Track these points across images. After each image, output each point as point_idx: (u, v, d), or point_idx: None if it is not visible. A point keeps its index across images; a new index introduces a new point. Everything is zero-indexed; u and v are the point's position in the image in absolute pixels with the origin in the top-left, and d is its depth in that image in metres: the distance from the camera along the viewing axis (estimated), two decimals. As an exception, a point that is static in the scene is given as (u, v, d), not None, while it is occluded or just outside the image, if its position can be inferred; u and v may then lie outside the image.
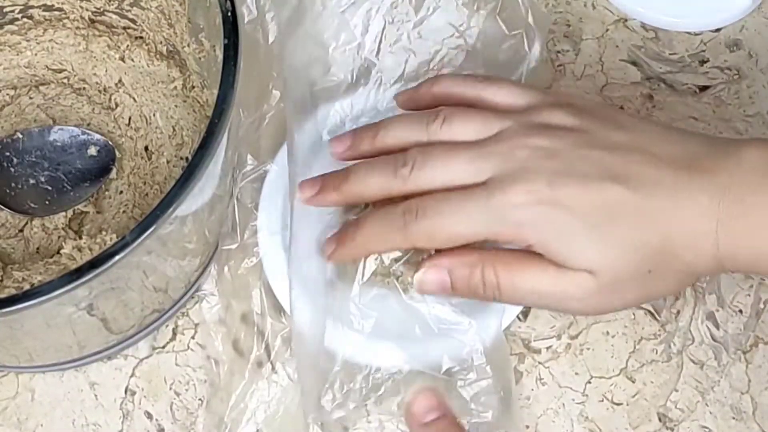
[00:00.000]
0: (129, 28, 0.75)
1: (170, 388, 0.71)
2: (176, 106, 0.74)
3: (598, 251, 0.62)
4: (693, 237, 0.61)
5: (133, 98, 0.75)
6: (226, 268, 0.73)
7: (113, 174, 0.73)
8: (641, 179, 0.62)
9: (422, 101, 0.71)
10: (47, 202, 0.71)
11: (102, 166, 0.73)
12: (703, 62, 0.82)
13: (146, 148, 0.74)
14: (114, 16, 0.74)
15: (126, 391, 0.71)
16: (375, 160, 0.67)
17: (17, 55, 0.76)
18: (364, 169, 0.67)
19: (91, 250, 0.66)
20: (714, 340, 0.73)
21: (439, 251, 0.66)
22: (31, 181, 0.72)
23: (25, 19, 0.75)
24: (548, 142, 0.63)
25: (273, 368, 0.69)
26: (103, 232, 0.67)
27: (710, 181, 0.61)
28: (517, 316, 0.71)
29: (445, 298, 0.68)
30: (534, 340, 0.73)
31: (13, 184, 0.72)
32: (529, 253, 0.63)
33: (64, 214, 0.71)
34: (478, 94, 0.69)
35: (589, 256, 0.62)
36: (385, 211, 0.66)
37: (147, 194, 0.72)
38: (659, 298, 0.67)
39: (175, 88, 0.74)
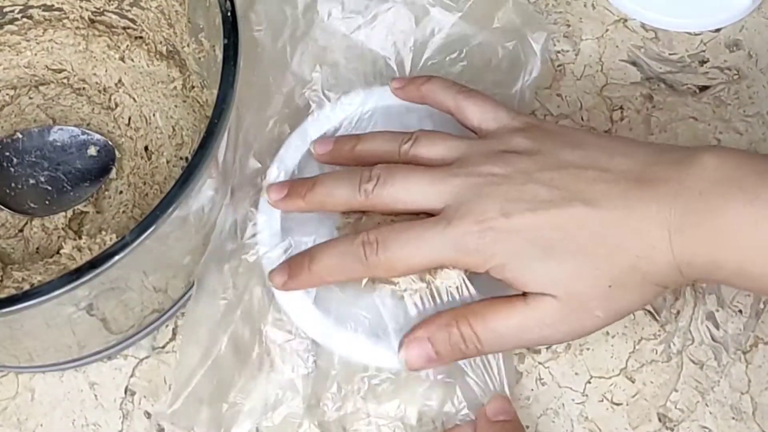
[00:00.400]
0: (129, 28, 0.75)
1: (170, 388, 0.71)
2: (176, 106, 0.74)
3: (553, 273, 0.63)
4: (646, 247, 0.62)
5: (133, 98, 0.75)
6: (226, 267, 0.73)
7: (113, 174, 0.73)
8: (591, 195, 0.63)
9: (411, 95, 0.74)
10: (47, 202, 0.71)
11: (102, 166, 0.73)
12: (702, 62, 0.82)
13: (146, 148, 0.74)
14: (114, 16, 0.74)
15: (126, 391, 0.71)
16: (341, 172, 0.70)
17: (17, 55, 0.76)
18: (330, 181, 0.69)
19: (90, 250, 0.66)
20: (714, 340, 0.73)
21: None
22: (31, 181, 0.72)
23: (24, 19, 0.75)
24: (502, 168, 0.65)
25: (272, 367, 0.69)
26: (103, 232, 0.67)
27: (660, 191, 0.62)
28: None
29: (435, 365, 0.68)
30: (534, 340, 0.73)
31: (13, 184, 0.72)
32: (498, 298, 0.65)
33: (63, 214, 0.71)
34: (456, 106, 0.71)
35: (545, 278, 0.63)
36: (342, 243, 0.67)
37: (147, 194, 0.72)
38: (629, 312, 0.66)
39: (175, 88, 0.74)
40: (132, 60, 0.75)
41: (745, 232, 0.60)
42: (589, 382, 0.72)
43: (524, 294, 0.64)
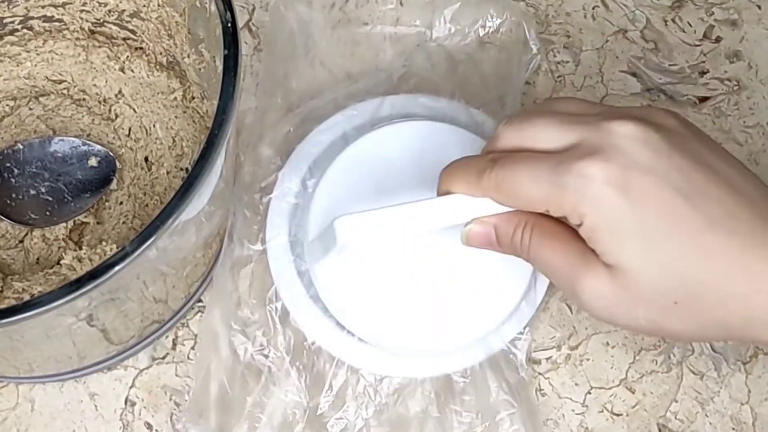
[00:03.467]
0: (129, 38, 0.75)
1: (170, 399, 0.71)
2: (176, 116, 0.74)
3: (636, 254, 0.57)
4: (750, 289, 0.57)
5: (133, 109, 0.75)
6: (230, 277, 0.73)
7: (113, 185, 0.73)
8: (717, 205, 0.57)
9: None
10: (47, 213, 0.71)
11: (102, 177, 0.73)
12: (702, 73, 0.82)
13: (146, 159, 0.74)
14: (114, 27, 0.74)
15: (126, 402, 0.71)
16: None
17: (17, 65, 0.76)
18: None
19: (91, 260, 0.66)
20: (714, 350, 0.73)
21: None
22: (32, 192, 0.72)
23: (25, 30, 0.75)
24: (645, 133, 0.59)
25: (273, 378, 0.69)
26: (103, 243, 0.67)
27: None
28: (517, 327, 0.71)
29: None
30: (534, 351, 0.73)
31: (13, 195, 0.72)
32: (568, 229, 0.61)
33: (64, 224, 0.71)
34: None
35: (624, 254, 0.57)
36: (476, 157, 0.64)
37: (147, 205, 0.72)
38: (670, 338, 0.64)
39: (175, 98, 0.74)
40: (132, 71, 0.75)
41: None
42: (589, 393, 0.72)
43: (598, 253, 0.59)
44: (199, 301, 0.73)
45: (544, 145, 0.61)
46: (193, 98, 0.73)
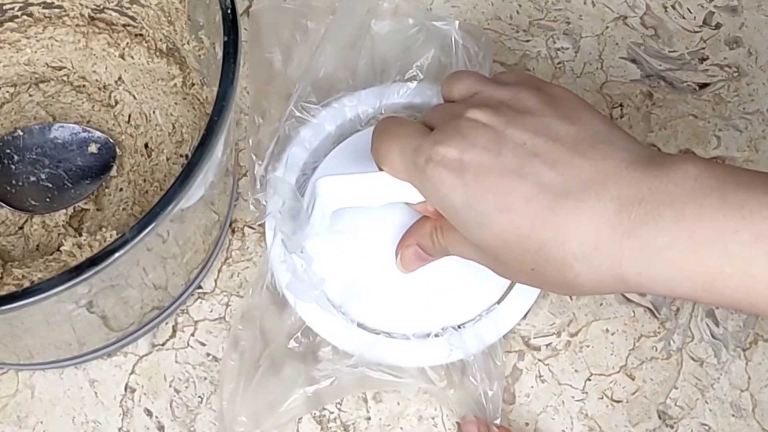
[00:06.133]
0: (129, 25, 0.75)
1: (170, 386, 0.71)
2: (176, 103, 0.74)
3: (480, 232, 0.60)
4: (587, 247, 0.57)
5: (133, 95, 0.75)
6: (228, 266, 0.73)
7: (113, 171, 0.73)
8: (548, 170, 0.58)
9: None
10: (48, 200, 0.71)
11: (102, 164, 0.73)
12: (702, 60, 0.82)
13: (146, 146, 0.74)
14: (114, 14, 0.74)
15: (126, 389, 0.71)
16: None
17: (17, 52, 0.75)
18: None
19: (91, 247, 0.66)
20: (713, 337, 0.73)
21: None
22: (32, 179, 0.72)
23: (24, 17, 0.75)
24: (486, 116, 0.61)
25: (273, 365, 0.69)
26: (103, 229, 0.67)
27: (624, 191, 0.57)
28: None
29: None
30: (534, 338, 0.73)
31: (13, 182, 0.72)
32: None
33: (64, 211, 0.71)
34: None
35: (474, 235, 0.60)
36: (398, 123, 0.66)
37: (147, 191, 0.72)
38: (547, 289, 0.68)
39: (175, 85, 0.74)
40: (132, 57, 0.75)
41: (722, 242, 0.54)
42: (589, 380, 0.72)
43: None
44: (199, 287, 0.73)
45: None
46: (193, 85, 0.73)
